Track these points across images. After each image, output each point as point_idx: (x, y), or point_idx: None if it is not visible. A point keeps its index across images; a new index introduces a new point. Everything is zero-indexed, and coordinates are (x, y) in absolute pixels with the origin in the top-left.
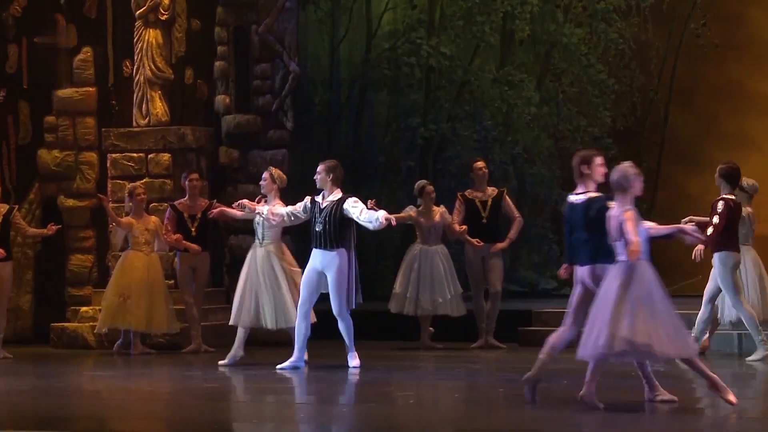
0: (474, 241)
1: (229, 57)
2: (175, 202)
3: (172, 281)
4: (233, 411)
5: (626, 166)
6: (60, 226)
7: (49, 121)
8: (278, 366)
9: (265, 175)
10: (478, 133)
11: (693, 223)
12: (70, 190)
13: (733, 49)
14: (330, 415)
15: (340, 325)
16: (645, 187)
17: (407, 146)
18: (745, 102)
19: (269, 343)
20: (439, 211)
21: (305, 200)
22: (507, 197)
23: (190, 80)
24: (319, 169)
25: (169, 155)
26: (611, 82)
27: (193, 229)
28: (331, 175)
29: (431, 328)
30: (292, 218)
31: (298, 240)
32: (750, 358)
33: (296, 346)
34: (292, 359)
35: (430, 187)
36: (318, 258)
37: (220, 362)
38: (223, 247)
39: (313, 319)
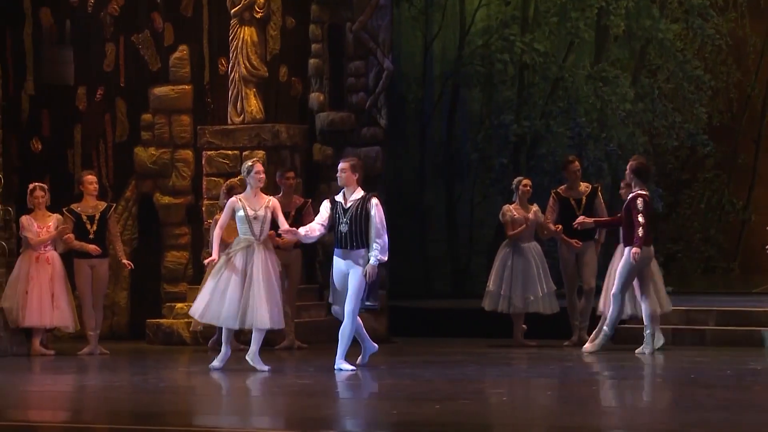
0: (573, 242)
1: (323, 54)
2: None
3: None
4: (326, 407)
5: None
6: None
7: (145, 119)
8: (358, 362)
9: (261, 172)
10: (571, 130)
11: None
12: (166, 187)
13: None
14: (424, 413)
15: (344, 325)
16: (741, 183)
17: (500, 143)
18: None
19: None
20: (533, 209)
21: (325, 204)
22: (600, 194)
23: (285, 78)
24: (342, 167)
25: (264, 153)
26: (707, 78)
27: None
28: (357, 174)
29: (524, 326)
30: (327, 227)
31: None
32: (638, 350)
33: (361, 341)
34: (365, 350)
35: (526, 181)
36: (343, 258)
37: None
38: (317, 244)
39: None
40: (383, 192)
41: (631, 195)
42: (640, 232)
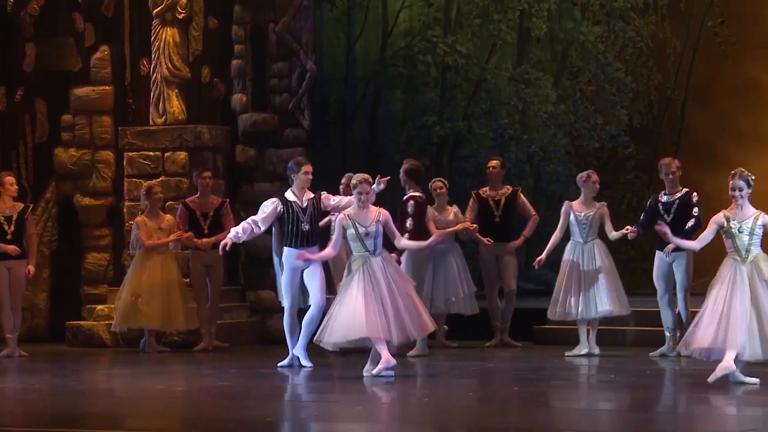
0: (485, 240)
1: (246, 55)
2: (187, 200)
3: (188, 279)
4: (247, 409)
5: None
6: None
7: (65, 119)
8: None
9: (367, 188)
10: (494, 132)
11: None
12: (87, 188)
13: (750, 47)
14: (351, 413)
15: (312, 315)
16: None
17: (423, 144)
18: (761, 100)
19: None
20: (452, 210)
21: (270, 204)
22: (522, 196)
23: (207, 79)
24: (311, 169)
25: (186, 154)
26: (628, 80)
27: (205, 227)
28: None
29: (445, 327)
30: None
31: None
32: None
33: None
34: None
35: (437, 183)
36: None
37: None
38: (239, 244)
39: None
40: None
41: (404, 198)
42: (406, 235)
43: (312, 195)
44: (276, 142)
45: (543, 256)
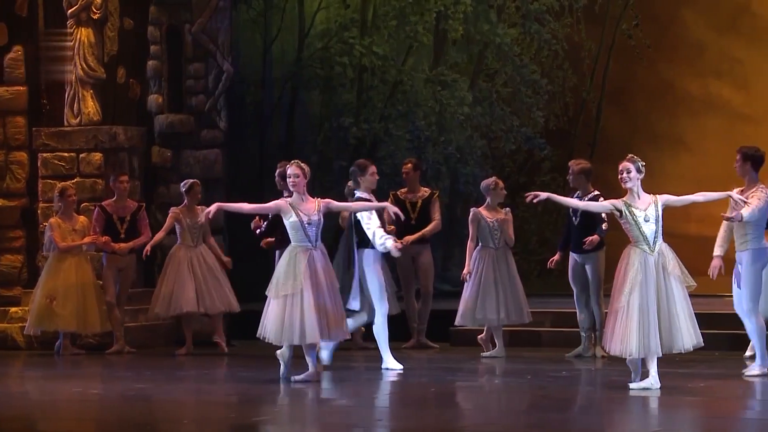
0: (400, 241)
1: (162, 56)
2: (104, 203)
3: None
4: (163, 412)
5: None
6: None
7: None
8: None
9: (296, 170)
10: (411, 133)
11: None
12: (0, 189)
13: (664, 49)
14: (258, 415)
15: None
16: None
17: (340, 146)
18: (676, 102)
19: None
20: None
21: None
22: (437, 200)
23: (123, 79)
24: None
25: (101, 155)
26: (544, 83)
27: (121, 231)
28: None
29: (363, 328)
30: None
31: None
32: None
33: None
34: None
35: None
36: (378, 255)
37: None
38: (155, 247)
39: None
40: (223, 195)
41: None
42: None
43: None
44: (192, 144)
45: (468, 269)
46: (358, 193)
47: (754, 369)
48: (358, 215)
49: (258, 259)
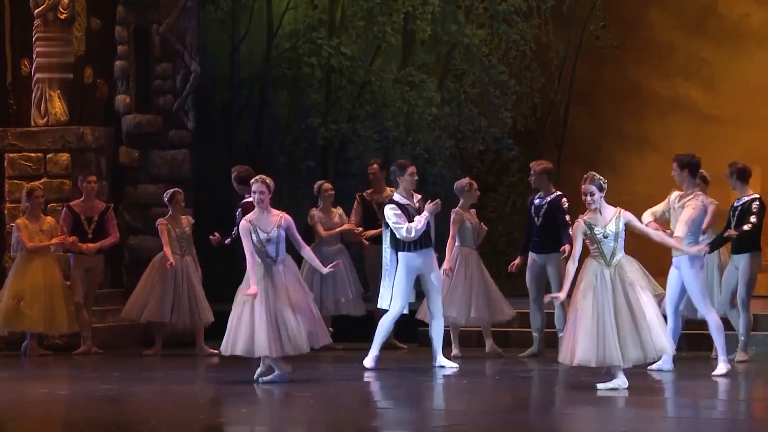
0: (368, 242)
1: (129, 56)
2: (72, 203)
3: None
4: (130, 413)
5: None
6: None
7: None
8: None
9: (262, 187)
10: (379, 134)
11: None
12: None
13: (631, 50)
14: (226, 416)
15: (439, 325)
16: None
17: (308, 146)
18: (643, 103)
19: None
20: (337, 212)
21: (393, 208)
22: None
23: (90, 79)
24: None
25: (68, 155)
26: (512, 83)
27: (89, 231)
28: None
29: (330, 329)
30: None
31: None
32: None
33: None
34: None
35: (327, 185)
36: (420, 259)
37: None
38: (123, 247)
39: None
40: (191, 195)
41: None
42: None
43: (420, 195)
44: (160, 144)
45: (449, 264)
46: (396, 196)
47: (720, 368)
48: (387, 218)
49: (225, 260)
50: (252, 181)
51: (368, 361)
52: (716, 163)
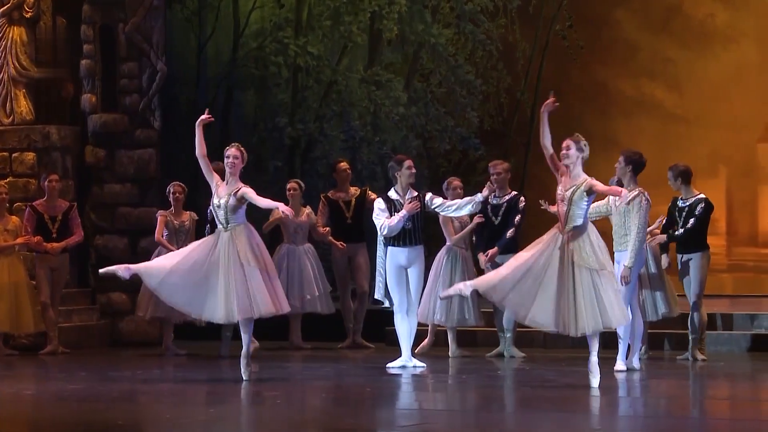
0: (338, 243)
1: (95, 55)
2: (35, 203)
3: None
4: (97, 413)
5: None
6: None
7: None
8: (388, 364)
9: (236, 152)
10: (345, 133)
11: None
12: None
13: (598, 50)
14: (193, 415)
15: (412, 322)
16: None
17: (274, 146)
18: (609, 103)
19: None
20: (305, 211)
21: (380, 203)
22: (370, 194)
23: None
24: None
25: (34, 154)
26: (479, 83)
27: (53, 231)
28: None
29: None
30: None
31: None
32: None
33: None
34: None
35: (292, 184)
36: (404, 255)
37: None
38: (89, 247)
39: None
40: (157, 195)
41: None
42: None
43: (416, 193)
44: (126, 143)
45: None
46: (391, 191)
47: (618, 364)
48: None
49: None
50: (227, 147)
51: (409, 361)
52: (682, 162)
